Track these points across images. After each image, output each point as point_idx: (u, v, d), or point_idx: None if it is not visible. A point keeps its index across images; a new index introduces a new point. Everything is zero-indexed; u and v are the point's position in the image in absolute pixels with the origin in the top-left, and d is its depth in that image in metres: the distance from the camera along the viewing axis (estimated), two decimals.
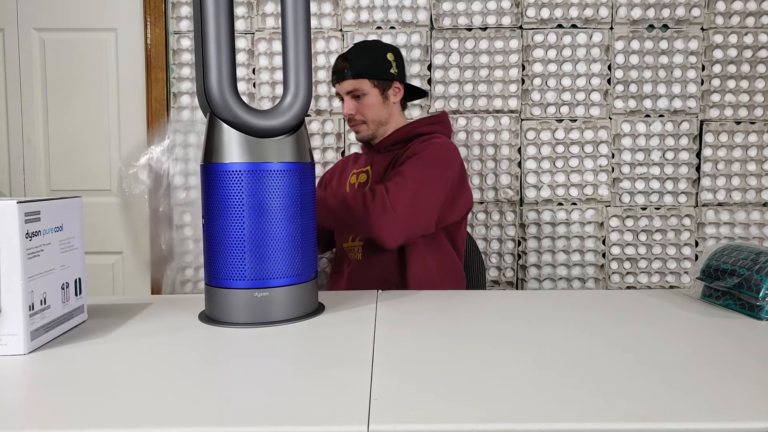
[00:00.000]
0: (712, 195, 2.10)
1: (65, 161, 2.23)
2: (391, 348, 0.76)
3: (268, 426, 0.54)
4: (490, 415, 0.56)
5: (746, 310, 0.91)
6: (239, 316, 0.88)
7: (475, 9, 2.06)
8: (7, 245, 0.72)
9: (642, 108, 2.08)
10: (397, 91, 1.53)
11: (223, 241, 0.88)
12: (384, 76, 1.50)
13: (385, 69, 1.50)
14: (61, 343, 0.79)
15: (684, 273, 2.12)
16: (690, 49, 2.06)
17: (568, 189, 2.11)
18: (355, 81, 1.48)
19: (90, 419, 0.56)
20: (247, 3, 2.10)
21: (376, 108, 1.50)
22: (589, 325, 0.88)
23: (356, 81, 1.48)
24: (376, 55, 1.50)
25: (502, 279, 2.14)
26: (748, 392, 0.61)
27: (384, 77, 1.50)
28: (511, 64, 2.07)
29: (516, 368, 0.69)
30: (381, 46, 1.54)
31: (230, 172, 0.87)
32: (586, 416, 0.56)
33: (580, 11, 2.05)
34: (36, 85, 2.20)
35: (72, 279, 0.85)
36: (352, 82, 1.48)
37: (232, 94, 0.88)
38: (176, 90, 2.14)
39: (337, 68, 1.50)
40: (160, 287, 1.40)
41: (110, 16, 2.18)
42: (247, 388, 0.63)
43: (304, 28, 0.91)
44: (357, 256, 1.48)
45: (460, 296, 1.10)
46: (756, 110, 2.07)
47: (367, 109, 1.50)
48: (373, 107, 1.50)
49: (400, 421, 0.55)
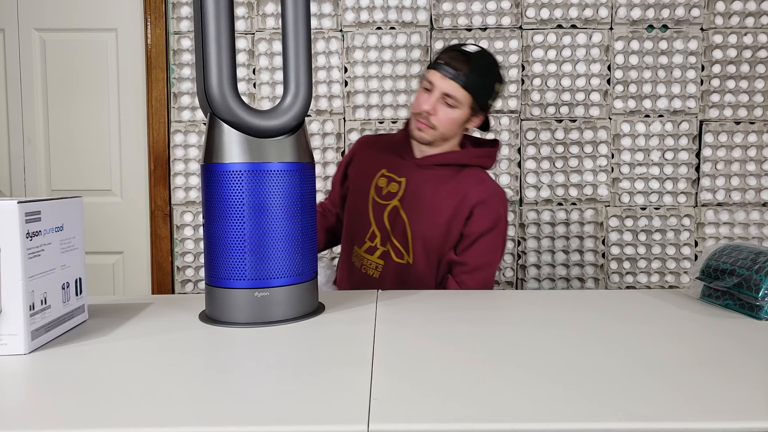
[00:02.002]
0: (712, 195, 2.10)
1: (65, 161, 2.23)
2: (391, 348, 0.76)
3: (268, 426, 0.54)
4: (490, 415, 0.56)
5: (746, 310, 0.91)
6: (239, 316, 0.88)
7: (475, 9, 2.06)
8: (7, 245, 0.72)
9: (641, 108, 2.08)
10: (477, 121, 1.40)
11: (223, 241, 0.88)
12: (483, 104, 1.36)
13: (488, 97, 1.37)
14: (61, 343, 0.79)
15: (683, 273, 2.12)
16: (689, 49, 2.06)
17: (567, 189, 2.11)
18: (462, 90, 1.31)
19: (90, 419, 0.56)
20: (247, 3, 2.10)
21: (455, 125, 1.36)
22: (589, 325, 0.88)
23: (462, 91, 1.31)
24: (491, 79, 1.36)
25: (501, 279, 2.14)
26: (748, 392, 0.61)
27: (482, 104, 1.36)
28: (511, 65, 2.07)
29: (516, 368, 0.69)
30: (497, 71, 1.38)
31: (230, 172, 0.87)
32: (586, 416, 0.56)
33: (579, 11, 2.05)
34: (36, 85, 2.20)
35: (72, 279, 0.85)
36: (459, 89, 1.31)
37: (232, 94, 0.88)
38: (176, 90, 2.14)
39: (452, 62, 1.32)
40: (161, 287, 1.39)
41: (110, 17, 2.18)
42: (247, 388, 0.63)
43: (304, 28, 0.91)
44: (372, 272, 1.40)
45: (460, 296, 1.10)
46: (755, 110, 2.07)
47: (447, 121, 1.34)
48: (454, 123, 1.35)
49: (400, 421, 0.55)
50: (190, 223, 2.18)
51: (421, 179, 1.38)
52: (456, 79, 1.30)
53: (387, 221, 1.39)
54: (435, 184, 1.37)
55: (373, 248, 1.40)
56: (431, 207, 1.36)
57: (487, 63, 1.36)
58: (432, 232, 1.36)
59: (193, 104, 2.14)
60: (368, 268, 1.41)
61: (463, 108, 1.33)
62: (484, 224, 1.35)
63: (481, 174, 1.41)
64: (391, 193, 1.39)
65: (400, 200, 1.38)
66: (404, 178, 1.39)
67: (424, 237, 1.36)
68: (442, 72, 1.32)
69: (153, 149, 2.17)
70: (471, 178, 1.38)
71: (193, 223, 2.18)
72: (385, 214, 1.39)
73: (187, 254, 2.18)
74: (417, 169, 1.39)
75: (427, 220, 1.35)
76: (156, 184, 2.17)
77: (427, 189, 1.37)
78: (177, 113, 2.15)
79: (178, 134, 2.15)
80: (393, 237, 1.38)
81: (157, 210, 2.18)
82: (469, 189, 1.36)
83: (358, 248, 1.43)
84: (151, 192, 2.18)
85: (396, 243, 1.37)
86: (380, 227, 1.39)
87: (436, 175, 1.38)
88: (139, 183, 2.22)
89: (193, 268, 2.19)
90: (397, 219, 1.37)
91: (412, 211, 1.36)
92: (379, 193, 1.41)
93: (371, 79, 2.09)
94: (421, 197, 1.37)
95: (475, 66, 1.32)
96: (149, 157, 2.18)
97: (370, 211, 1.41)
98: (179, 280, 2.19)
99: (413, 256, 1.36)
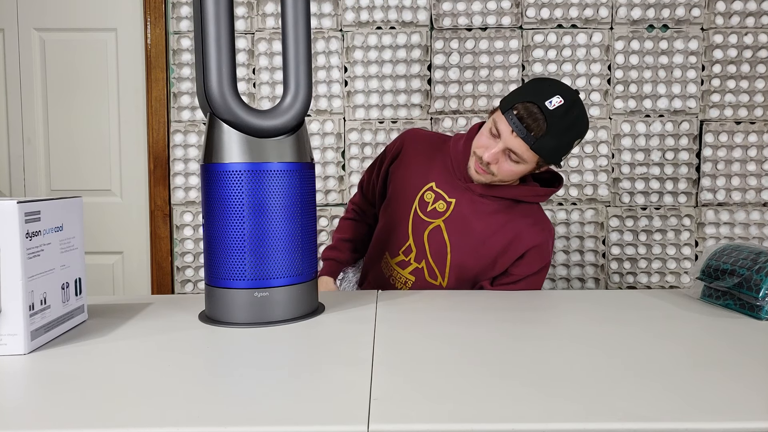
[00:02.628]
0: (712, 195, 2.10)
1: (65, 161, 2.23)
2: (391, 348, 0.76)
3: (268, 426, 0.54)
4: (490, 415, 0.56)
5: (746, 310, 0.91)
6: (239, 316, 0.88)
7: (475, 9, 2.06)
8: (7, 245, 0.72)
9: (642, 108, 2.08)
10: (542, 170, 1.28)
11: (223, 241, 0.88)
12: (555, 162, 1.21)
13: (563, 155, 1.20)
14: (61, 343, 0.79)
15: (684, 273, 2.12)
16: (690, 49, 2.06)
17: (567, 189, 2.11)
18: (531, 153, 1.16)
19: (90, 419, 0.56)
20: (247, 3, 2.10)
21: (517, 176, 1.24)
22: (589, 325, 0.88)
23: (531, 153, 1.16)
24: (570, 138, 1.18)
25: None
26: (748, 392, 0.61)
27: (554, 162, 1.21)
28: (511, 64, 2.07)
29: (515, 368, 0.69)
30: (580, 127, 1.19)
31: (230, 172, 0.87)
32: (586, 416, 0.56)
33: (580, 11, 2.05)
34: (36, 85, 2.20)
35: (72, 279, 0.85)
36: (527, 149, 1.15)
37: (232, 94, 0.88)
38: (176, 90, 2.14)
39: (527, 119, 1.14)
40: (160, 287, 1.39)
41: (110, 16, 2.18)
42: (247, 388, 0.63)
43: (304, 28, 0.91)
44: (401, 286, 1.33)
45: (460, 296, 1.10)
46: (756, 110, 2.07)
47: (508, 173, 1.21)
48: (515, 175, 1.23)
49: (400, 421, 0.55)
50: (189, 223, 2.18)
51: (472, 205, 1.28)
52: (526, 140, 1.14)
53: (426, 239, 1.30)
54: (487, 215, 1.28)
55: (406, 263, 1.32)
56: (480, 239, 1.27)
57: (569, 122, 1.16)
58: (475, 263, 1.28)
59: (193, 104, 2.14)
60: (397, 281, 1.34)
61: (530, 164, 1.20)
62: (534, 267, 1.29)
63: (538, 214, 1.31)
64: (438, 212, 1.29)
65: (445, 221, 1.29)
66: (454, 200, 1.28)
67: (464, 266, 1.28)
68: (512, 126, 1.15)
69: (153, 149, 2.17)
70: (527, 217, 1.29)
71: (192, 223, 2.18)
72: (426, 231, 1.30)
73: (187, 254, 2.18)
74: (469, 194, 1.29)
75: (472, 251, 1.27)
76: (156, 184, 2.17)
77: (477, 218, 1.28)
78: (177, 113, 2.15)
79: (177, 134, 2.15)
80: (430, 257, 1.29)
81: (156, 210, 2.18)
82: (524, 230, 1.27)
83: (390, 258, 1.35)
84: (151, 192, 2.18)
85: (432, 263, 1.29)
86: (418, 244, 1.30)
87: (490, 206, 1.28)
88: (138, 183, 2.22)
89: (193, 268, 2.19)
90: (439, 240, 1.29)
91: (457, 237, 1.28)
92: (423, 209, 1.31)
93: (371, 79, 2.09)
94: (469, 225, 1.27)
95: (553, 127, 1.14)
96: (149, 157, 2.18)
97: (410, 225, 1.31)
98: (179, 280, 2.19)
99: (447, 280, 1.30)
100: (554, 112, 1.14)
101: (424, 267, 1.31)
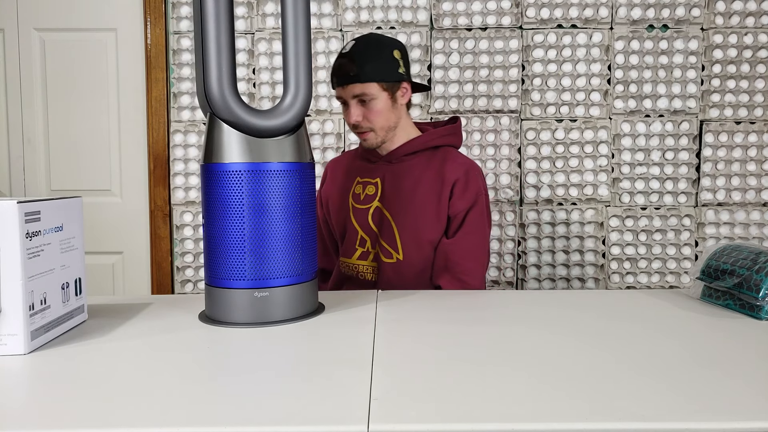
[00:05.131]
0: (712, 195, 2.10)
1: (65, 161, 2.23)
2: (391, 348, 0.76)
3: (268, 426, 0.54)
4: (490, 415, 0.56)
5: (746, 310, 0.91)
6: (239, 316, 0.88)
7: (475, 9, 2.06)
8: (7, 245, 0.72)
9: (642, 108, 2.08)
10: (405, 92, 1.37)
11: (223, 241, 0.88)
12: (393, 78, 1.33)
13: (394, 69, 1.33)
14: (61, 343, 0.79)
15: (684, 273, 2.12)
16: (690, 49, 2.06)
17: (567, 189, 2.11)
18: (363, 85, 1.30)
19: (90, 419, 0.56)
20: (247, 3, 2.10)
21: (385, 113, 1.34)
22: (589, 325, 0.88)
23: (364, 85, 1.30)
24: (383, 55, 1.32)
25: (501, 279, 2.14)
26: (748, 392, 0.61)
27: (393, 78, 1.33)
28: (511, 64, 2.07)
29: (516, 368, 0.69)
30: (387, 42, 1.36)
31: (230, 172, 0.87)
32: (586, 416, 0.56)
33: (580, 11, 2.05)
34: (36, 85, 2.20)
35: (72, 279, 0.85)
36: (359, 86, 1.30)
37: (232, 94, 0.88)
38: (176, 90, 2.14)
39: (341, 70, 1.31)
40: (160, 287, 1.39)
41: (110, 16, 2.18)
42: (247, 388, 0.62)
43: (304, 28, 0.91)
44: (370, 276, 1.39)
45: (460, 296, 1.10)
46: (756, 110, 2.07)
47: (375, 116, 1.33)
48: (382, 113, 1.33)
49: (400, 421, 0.55)
50: (189, 223, 2.18)
51: (395, 174, 1.38)
52: (352, 81, 1.30)
53: (372, 224, 1.37)
54: (410, 174, 1.37)
55: (366, 253, 1.39)
56: (412, 197, 1.35)
57: (369, 43, 1.34)
58: (419, 223, 1.34)
59: (193, 104, 2.14)
60: (365, 273, 1.40)
61: (380, 95, 1.33)
62: (469, 199, 1.35)
63: (452, 153, 1.41)
64: (369, 196, 1.39)
65: (380, 200, 1.38)
66: (378, 178, 1.39)
67: (414, 228, 1.34)
68: (339, 84, 1.33)
69: (153, 149, 2.17)
70: (445, 160, 1.38)
71: (192, 223, 2.18)
72: (368, 217, 1.38)
73: (187, 254, 2.18)
74: (389, 166, 1.40)
75: (411, 211, 1.34)
76: (156, 184, 2.17)
77: (404, 181, 1.37)
78: (177, 113, 2.15)
79: (177, 134, 2.15)
80: (381, 238, 1.36)
81: (156, 210, 2.18)
82: (445, 170, 1.36)
83: (348, 258, 1.42)
84: (151, 192, 2.18)
85: (384, 243, 1.36)
86: (367, 231, 1.38)
87: (409, 165, 1.38)
88: (138, 183, 2.22)
89: (193, 268, 2.19)
90: (383, 219, 1.36)
91: (394, 207, 1.35)
92: (357, 200, 1.41)
93: None
94: (400, 190, 1.36)
95: (359, 56, 1.30)
96: (149, 157, 2.18)
97: (353, 219, 1.40)
98: (179, 280, 2.19)
99: (403, 252, 1.34)
100: (352, 49, 1.32)
101: (378, 251, 1.37)
